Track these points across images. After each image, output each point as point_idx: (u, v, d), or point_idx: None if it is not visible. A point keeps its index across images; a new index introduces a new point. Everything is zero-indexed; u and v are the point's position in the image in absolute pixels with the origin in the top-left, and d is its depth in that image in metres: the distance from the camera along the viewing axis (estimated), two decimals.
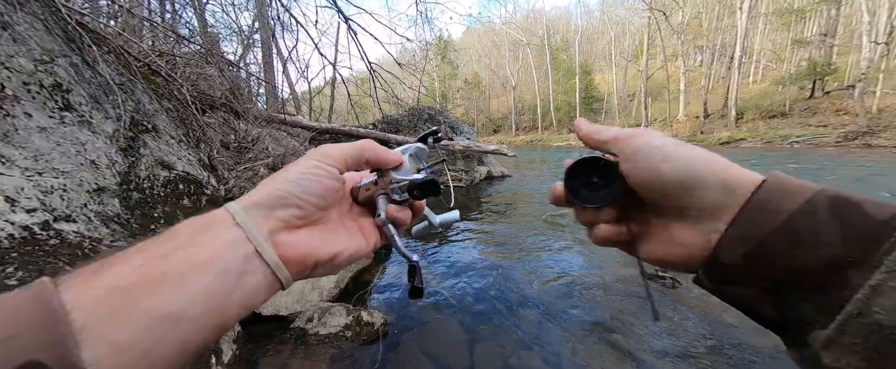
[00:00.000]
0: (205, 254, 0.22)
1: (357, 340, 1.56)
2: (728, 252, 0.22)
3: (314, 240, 0.28)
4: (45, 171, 1.13)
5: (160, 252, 0.22)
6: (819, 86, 16.96)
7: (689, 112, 22.58)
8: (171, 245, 0.22)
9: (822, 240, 0.20)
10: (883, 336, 0.17)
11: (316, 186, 0.28)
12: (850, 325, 0.18)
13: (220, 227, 0.24)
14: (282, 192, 0.27)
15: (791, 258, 0.20)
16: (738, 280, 0.23)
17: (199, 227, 0.24)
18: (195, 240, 0.23)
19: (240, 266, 0.23)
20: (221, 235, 0.24)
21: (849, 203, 0.20)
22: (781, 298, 0.21)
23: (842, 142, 11.15)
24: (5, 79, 1.18)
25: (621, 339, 1.59)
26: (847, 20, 19.02)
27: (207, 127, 2.59)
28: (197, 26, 5.14)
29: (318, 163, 0.29)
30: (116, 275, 0.20)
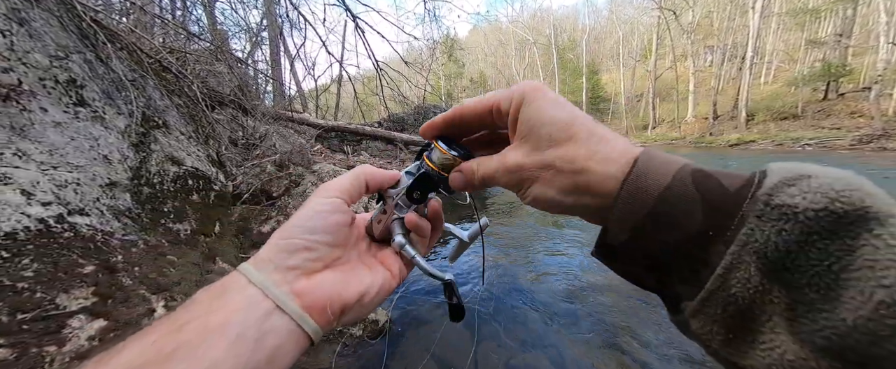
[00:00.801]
0: (219, 320, 0.22)
1: (361, 337, 1.57)
2: (613, 234, 0.23)
3: (336, 282, 0.27)
4: (59, 165, 1.15)
5: (175, 325, 0.21)
6: (833, 87, 16.58)
7: (698, 113, 22.25)
8: (187, 316, 0.22)
9: (687, 216, 0.20)
10: (737, 305, 0.19)
11: (321, 223, 0.28)
12: (712, 298, 0.19)
13: (235, 290, 0.24)
14: (288, 239, 0.26)
15: (662, 237, 0.21)
16: (623, 258, 0.24)
17: (215, 293, 0.24)
18: (211, 308, 0.22)
19: (259, 327, 0.23)
20: (236, 298, 0.23)
21: (707, 176, 0.21)
22: (659, 272, 0.23)
23: (856, 146, 10.89)
24: (22, 74, 1.20)
25: (625, 342, 1.57)
26: (863, 20, 18.56)
27: (216, 123, 2.62)
28: (206, 24, 5.19)
29: (318, 200, 0.29)
30: (130, 355, 0.20)
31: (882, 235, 0.16)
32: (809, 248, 0.17)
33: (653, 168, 0.22)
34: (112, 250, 1.13)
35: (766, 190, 0.19)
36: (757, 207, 0.18)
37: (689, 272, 0.21)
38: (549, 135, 0.25)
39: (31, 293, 0.83)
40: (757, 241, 0.18)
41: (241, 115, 3.43)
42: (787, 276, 0.17)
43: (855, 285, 0.16)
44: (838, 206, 0.17)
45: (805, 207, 0.17)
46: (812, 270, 0.17)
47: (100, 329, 0.91)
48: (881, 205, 0.16)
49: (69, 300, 0.89)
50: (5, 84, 1.11)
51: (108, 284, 1.01)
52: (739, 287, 0.18)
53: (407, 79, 5.66)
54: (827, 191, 0.17)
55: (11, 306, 0.79)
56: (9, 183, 0.96)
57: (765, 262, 0.18)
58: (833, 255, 0.16)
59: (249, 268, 0.25)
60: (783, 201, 0.18)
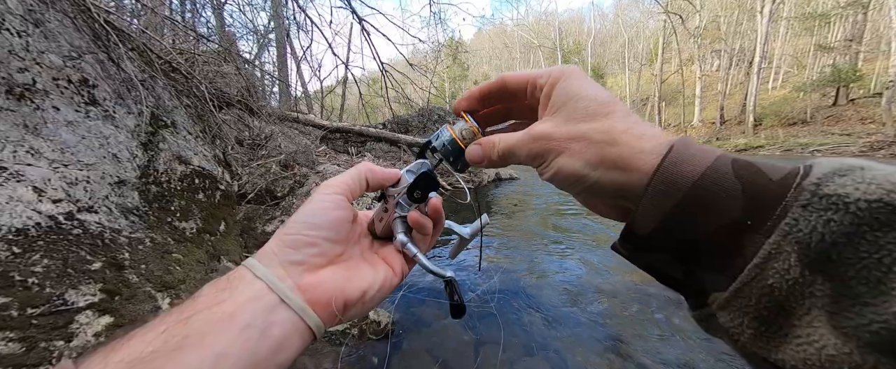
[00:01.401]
0: (227, 311, 0.22)
1: (363, 338, 1.58)
2: (641, 223, 0.22)
3: (339, 278, 0.28)
4: (70, 163, 1.18)
5: (182, 315, 0.22)
6: (843, 93, 16.36)
7: (704, 117, 22.07)
8: (195, 307, 0.22)
9: (726, 204, 0.20)
10: (773, 296, 0.18)
11: (323, 218, 0.28)
12: (745, 289, 0.19)
13: (242, 283, 0.24)
14: (292, 234, 0.27)
15: (697, 225, 0.21)
16: (651, 247, 0.23)
17: (221, 287, 0.24)
18: (218, 299, 0.23)
19: (265, 318, 0.23)
20: (244, 290, 0.24)
21: (749, 164, 0.20)
22: (689, 262, 0.22)
23: (867, 152, 10.72)
24: (36, 74, 1.23)
25: (628, 348, 1.56)
26: (874, 25, 18.31)
27: (223, 123, 2.65)
28: (215, 25, 5.27)
29: (320, 197, 0.29)
30: (140, 344, 0.20)
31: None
32: (859, 240, 0.16)
33: (691, 153, 0.21)
34: (119, 247, 1.14)
35: (814, 179, 0.18)
36: (803, 197, 0.18)
37: (722, 262, 0.20)
38: (586, 108, 0.24)
39: (41, 288, 0.85)
40: (801, 231, 0.17)
41: (248, 116, 3.47)
42: (832, 268, 0.17)
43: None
44: (895, 198, 0.16)
45: (858, 198, 0.16)
46: (861, 263, 0.16)
47: (106, 325, 0.92)
48: None
49: (77, 296, 0.90)
50: (20, 83, 1.14)
51: (115, 281, 1.02)
52: (777, 278, 0.18)
53: (412, 81, 5.69)
54: (882, 182, 0.17)
55: (21, 301, 0.80)
56: (21, 180, 0.98)
57: (807, 253, 0.17)
58: (885, 248, 0.16)
59: (255, 262, 0.26)
60: (834, 191, 0.17)
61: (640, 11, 33.42)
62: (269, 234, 2.35)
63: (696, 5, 23.21)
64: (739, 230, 0.19)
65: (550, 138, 0.25)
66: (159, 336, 0.20)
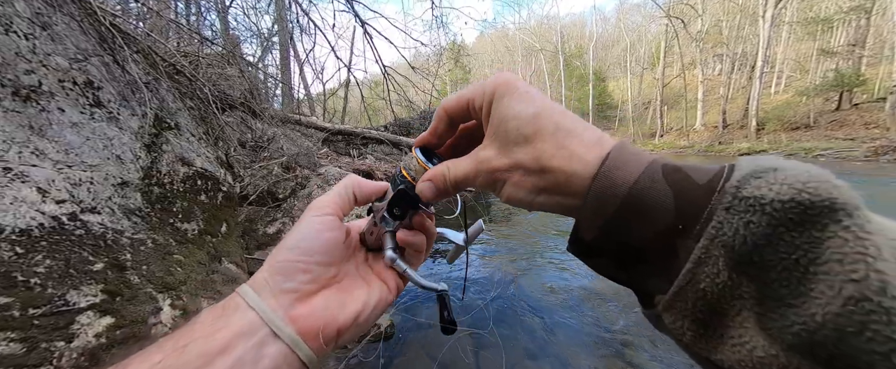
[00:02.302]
0: (220, 344, 0.22)
1: (363, 340, 1.57)
2: (585, 230, 0.23)
3: (331, 306, 0.27)
4: (74, 165, 1.18)
5: (179, 344, 0.22)
6: (847, 98, 16.29)
7: (707, 121, 22.02)
8: (190, 336, 0.23)
9: (658, 210, 0.20)
10: (706, 300, 0.18)
11: (315, 243, 0.28)
12: (682, 293, 0.19)
13: (236, 313, 0.24)
14: (284, 262, 0.27)
15: (633, 232, 0.21)
16: (595, 253, 0.24)
17: (217, 314, 0.24)
18: (213, 329, 0.23)
19: (256, 352, 0.23)
20: (237, 321, 0.24)
21: (677, 169, 0.21)
22: (631, 266, 0.22)
23: (871, 157, 10.65)
24: (43, 76, 1.24)
25: (628, 352, 1.55)
26: (878, 30, 18.27)
27: (226, 125, 2.67)
28: (220, 28, 5.32)
29: (310, 219, 0.28)
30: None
31: (850, 227, 0.15)
32: (777, 241, 0.16)
33: (622, 162, 0.22)
34: (121, 248, 1.15)
35: (734, 182, 0.18)
36: (725, 200, 0.18)
37: (661, 267, 0.20)
38: (517, 129, 0.24)
39: (43, 289, 0.85)
40: (725, 235, 0.18)
41: (251, 118, 3.49)
42: (755, 270, 0.17)
43: (823, 279, 0.15)
44: (805, 198, 0.16)
45: (772, 198, 0.17)
46: (781, 264, 0.16)
47: (107, 326, 0.92)
48: (848, 197, 0.16)
49: (79, 296, 0.90)
50: (26, 85, 1.15)
51: (116, 282, 1.02)
52: (708, 281, 0.18)
53: (413, 84, 5.71)
54: (793, 182, 0.17)
55: (23, 301, 0.80)
56: (26, 180, 0.99)
57: (732, 256, 0.17)
58: (801, 248, 0.16)
59: (248, 290, 0.26)
60: (750, 193, 0.17)
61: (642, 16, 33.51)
62: (270, 236, 2.35)
63: (698, 10, 23.24)
64: (673, 234, 0.20)
65: (493, 168, 0.25)
66: (154, 367, 0.21)
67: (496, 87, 0.25)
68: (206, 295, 1.38)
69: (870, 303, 0.14)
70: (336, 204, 0.30)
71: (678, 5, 23.69)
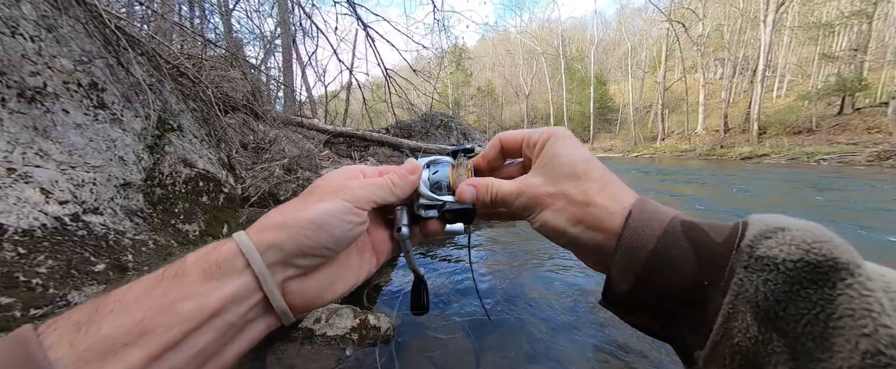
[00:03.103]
0: (213, 305, 0.21)
1: (363, 343, 1.57)
2: (617, 284, 0.25)
3: (324, 284, 0.27)
4: (78, 166, 1.19)
5: (165, 301, 0.20)
6: (849, 102, 16.26)
7: (708, 125, 22.00)
8: (177, 292, 0.21)
9: (682, 265, 0.22)
10: (743, 354, 0.19)
11: (346, 234, 0.27)
12: (719, 347, 0.20)
13: (232, 272, 0.23)
14: (309, 242, 0.25)
15: (662, 285, 0.23)
16: (631, 308, 0.25)
17: (208, 271, 0.22)
18: (205, 289, 0.21)
19: (244, 316, 0.23)
20: (233, 283, 0.22)
21: (695, 226, 0.23)
22: (664, 320, 0.24)
23: (874, 162, 10.61)
24: (48, 77, 1.25)
25: (631, 360, 1.53)
26: (880, 35, 18.27)
27: (228, 127, 2.68)
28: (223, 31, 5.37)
29: (351, 207, 0.27)
30: (111, 332, 0.18)
31: (853, 285, 0.17)
32: (796, 297, 0.18)
33: (646, 218, 0.24)
34: (123, 249, 1.15)
35: (748, 241, 0.20)
36: (743, 258, 0.20)
37: (694, 321, 0.22)
38: (570, 165, 0.27)
39: (44, 289, 0.85)
40: (747, 291, 0.19)
41: (253, 120, 3.50)
42: (782, 325, 0.18)
43: (841, 333, 0.17)
44: (812, 258, 0.18)
45: (783, 259, 0.19)
46: (803, 319, 0.18)
47: None
48: (848, 256, 0.18)
49: (80, 297, 0.91)
50: (32, 86, 1.16)
51: (118, 283, 1.03)
52: (741, 336, 0.19)
53: (415, 86, 5.73)
54: (800, 243, 0.19)
55: (25, 302, 0.81)
56: (30, 181, 1.00)
57: (757, 311, 0.19)
58: (817, 304, 0.17)
59: (251, 247, 0.23)
60: (764, 253, 0.19)
61: (644, 20, 33.61)
62: None
63: (699, 14, 23.31)
64: (700, 289, 0.21)
65: (537, 193, 0.28)
66: (136, 326, 0.19)
67: (554, 132, 0.30)
68: None
69: (884, 357, 0.15)
70: (373, 202, 0.29)
71: (679, 9, 23.76)
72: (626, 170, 11.17)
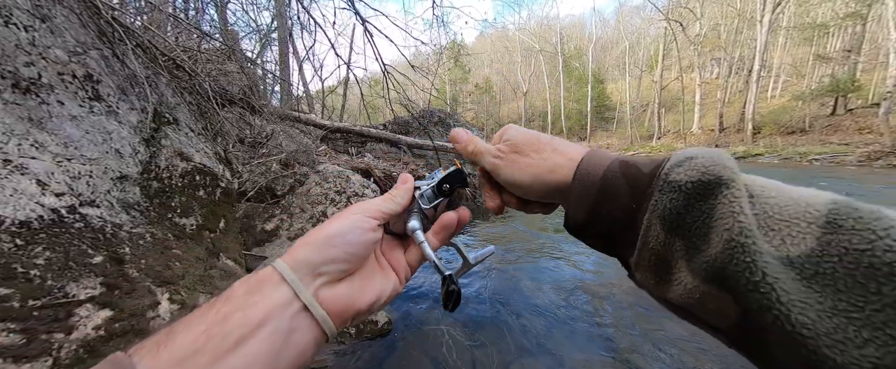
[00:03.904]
0: (259, 315, 0.25)
1: (360, 337, 1.58)
2: (573, 216, 0.31)
3: (353, 292, 0.31)
4: (73, 158, 1.18)
5: (219, 316, 0.24)
6: (841, 103, 16.45)
7: (704, 124, 22.16)
8: (228, 308, 0.25)
9: (619, 196, 0.28)
10: (657, 255, 0.26)
11: (361, 240, 0.31)
12: (641, 253, 0.27)
13: (270, 286, 0.27)
14: (330, 249, 0.29)
15: (609, 212, 0.29)
16: (587, 233, 0.32)
17: (252, 287, 0.27)
18: (249, 300, 0.25)
19: (289, 323, 0.26)
20: (272, 294, 0.26)
21: (630, 164, 0.29)
22: (612, 240, 0.30)
23: (865, 162, 10.77)
24: (42, 68, 1.24)
25: (627, 354, 1.56)
26: (873, 36, 18.46)
27: (225, 121, 2.66)
28: (219, 24, 5.29)
29: (362, 217, 0.32)
30: (183, 342, 0.22)
31: (727, 195, 0.23)
32: (691, 209, 0.24)
33: (593, 162, 0.31)
34: (120, 242, 1.15)
35: (665, 170, 0.26)
36: (659, 184, 0.26)
37: (628, 237, 0.28)
38: (525, 135, 0.36)
39: (42, 281, 0.85)
40: (658, 208, 0.25)
41: (249, 114, 3.47)
42: (681, 231, 0.24)
43: (715, 230, 0.22)
44: (705, 177, 0.23)
45: (685, 181, 0.24)
46: (694, 224, 0.23)
47: (106, 318, 0.93)
48: (730, 175, 0.23)
49: (78, 289, 0.90)
50: (26, 77, 1.15)
51: (115, 275, 1.03)
52: (654, 241, 0.26)
53: (413, 82, 5.70)
54: (699, 167, 0.24)
55: (23, 293, 0.80)
56: (25, 172, 0.99)
57: (664, 222, 0.25)
58: (704, 212, 0.23)
59: (285, 266, 0.28)
60: (673, 178, 0.25)
61: (642, 18, 33.63)
62: (268, 232, 2.35)
63: (697, 13, 23.37)
64: (632, 212, 0.28)
65: (507, 152, 0.36)
66: (201, 335, 0.23)
67: (508, 125, 0.39)
68: (205, 291, 1.38)
69: (734, 242, 0.21)
70: (383, 214, 0.34)
71: (677, 9, 23.80)
72: None
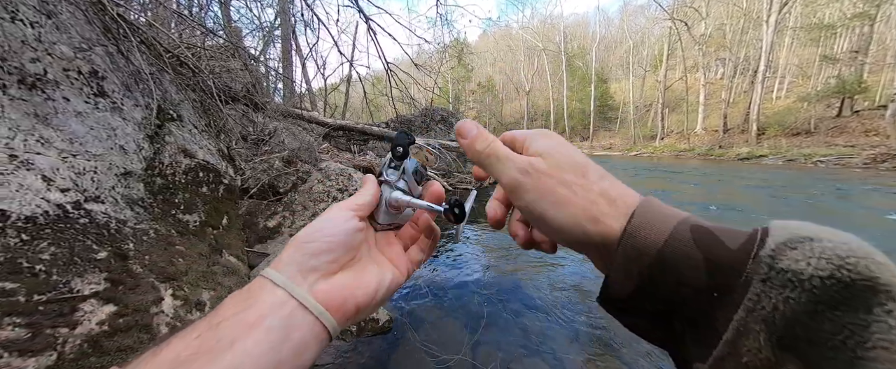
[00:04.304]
0: (253, 315, 0.24)
1: (362, 335, 1.59)
2: (616, 287, 0.23)
3: (350, 284, 0.30)
4: (78, 154, 1.19)
5: (212, 322, 0.24)
6: (848, 104, 16.31)
7: (708, 125, 22.03)
8: (223, 314, 0.24)
9: (690, 273, 0.20)
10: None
11: (339, 227, 0.30)
12: (725, 364, 0.18)
13: (263, 292, 0.26)
14: (310, 242, 0.28)
15: (666, 293, 0.21)
16: (630, 310, 0.24)
17: (244, 297, 0.26)
18: (244, 307, 0.25)
19: (286, 321, 0.25)
20: (266, 298, 0.26)
21: (707, 231, 0.21)
22: (666, 328, 0.22)
23: (870, 165, 10.68)
24: (48, 64, 1.24)
25: (626, 354, 1.56)
26: (881, 37, 18.26)
27: (228, 118, 2.67)
28: (222, 21, 5.30)
29: (337, 210, 0.31)
30: (177, 348, 0.22)
31: (894, 312, 0.15)
32: (821, 319, 0.16)
33: (650, 219, 0.22)
34: (124, 237, 1.15)
35: (769, 251, 0.18)
36: (761, 270, 0.18)
37: (698, 332, 0.20)
38: (569, 156, 0.28)
39: (47, 276, 0.86)
40: (764, 309, 0.17)
41: (252, 111, 3.48)
42: (802, 350, 0.16)
43: (872, 366, 0.15)
44: (845, 274, 0.16)
45: (810, 274, 0.16)
46: (827, 344, 0.16)
47: (110, 314, 0.93)
48: (890, 277, 0.15)
49: (83, 284, 0.91)
50: (32, 73, 1.16)
51: (119, 270, 1.03)
52: (750, 356, 0.17)
53: (416, 81, 5.70)
54: (831, 256, 0.16)
55: (28, 287, 0.81)
56: (31, 168, 1.00)
57: (773, 331, 0.17)
58: (846, 329, 0.15)
59: (272, 272, 0.27)
60: (788, 266, 0.17)
61: (646, 18, 33.40)
62: (270, 229, 2.36)
63: (702, 13, 23.19)
64: (708, 300, 0.19)
65: (540, 171, 0.26)
66: (194, 340, 0.23)
67: (547, 130, 0.31)
68: (207, 287, 1.38)
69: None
70: (357, 206, 0.33)
71: (682, 8, 23.62)
72: (624, 169, 11.19)
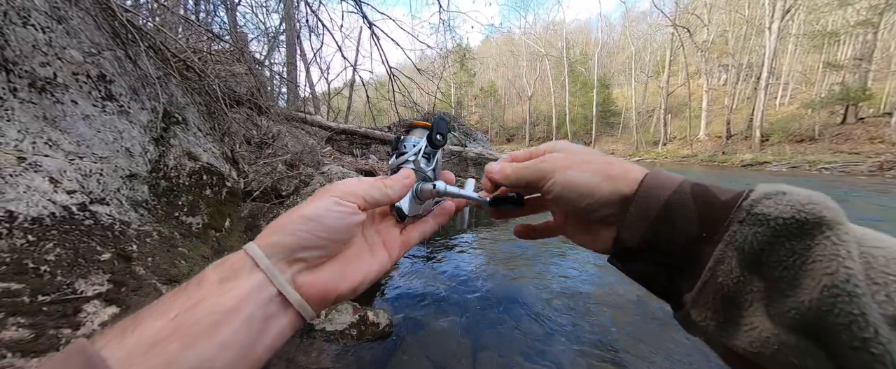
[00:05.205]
0: (231, 302, 0.23)
1: (362, 339, 1.58)
2: (628, 237, 0.28)
3: (335, 275, 0.29)
4: (85, 156, 1.21)
5: (191, 301, 0.23)
6: (852, 111, 16.23)
7: (711, 131, 21.96)
8: (201, 293, 0.24)
9: (686, 221, 0.25)
10: (724, 292, 0.23)
11: (339, 223, 0.28)
12: (705, 287, 0.23)
13: (244, 272, 0.25)
14: (304, 234, 0.27)
15: (671, 237, 0.26)
16: (638, 258, 0.28)
17: (225, 273, 0.25)
18: (222, 288, 0.24)
19: (264, 310, 0.25)
20: (246, 281, 0.25)
21: (704, 189, 0.26)
22: (669, 270, 0.27)
23: (875, 172, 10.58)
24: (57, 68, 1.27)
25: (625, 358, 1.55)
26: (885, 44, 18.22)
27: (233, 121, 2.70)
28: (228, 26, 5.38)
29: (340, 200, 0.29)
30: (150, 328, 0.21)
31: (830, 237, 0.20)
32: (779, 247, 0.21)
33: (661, 180, 0.27)
34: (128, 239, 1.16)
35: (750, 201, 0.23)
36: (740, 215, 0.23)
37: (689, 269, 0.25)
38: (583, 151, 0.33)
39: (52, 277, 0.87)
40: (737, 241, 0.22)
41: (256, 115, 3.52)
42: (762, 269, 0.21)
43: (810, 274, 0.20)
44: (801, 216, 0.21)
45: (776, 215, 0.21)
46: (782, 264, 0.21)
47: (112, 315, 0.94)
48: (833, 216, 0.21)
49: (86, 285, 0.92)
50: (42, 77, 1.18)
51: (123, 272, 1.04)
52: (725, 276, 0.23)
53: (418, 85, 5.74)
54: (794, 203, 0.21)
55: (33, 288, 0.82)
56: (39, 170, 1.01)
57: (743, 256, 0.22)
58: (796, 252, 0.21)
59: (258, 251, 0.26)
60: (761, 210, 0.22)
61: (648, 24, 33.55)
62: None
63: (704, 19, 23.26)
64: (699, 241, 0.24)
65: (560, 157, 0.32)
66: (171, 322, 0.22)
67: (561, 140, 0.36)
68: None
69: (837, 290, 0.19)
70: (364, 200, 0.31)
71: (684, 15, 23.72)
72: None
